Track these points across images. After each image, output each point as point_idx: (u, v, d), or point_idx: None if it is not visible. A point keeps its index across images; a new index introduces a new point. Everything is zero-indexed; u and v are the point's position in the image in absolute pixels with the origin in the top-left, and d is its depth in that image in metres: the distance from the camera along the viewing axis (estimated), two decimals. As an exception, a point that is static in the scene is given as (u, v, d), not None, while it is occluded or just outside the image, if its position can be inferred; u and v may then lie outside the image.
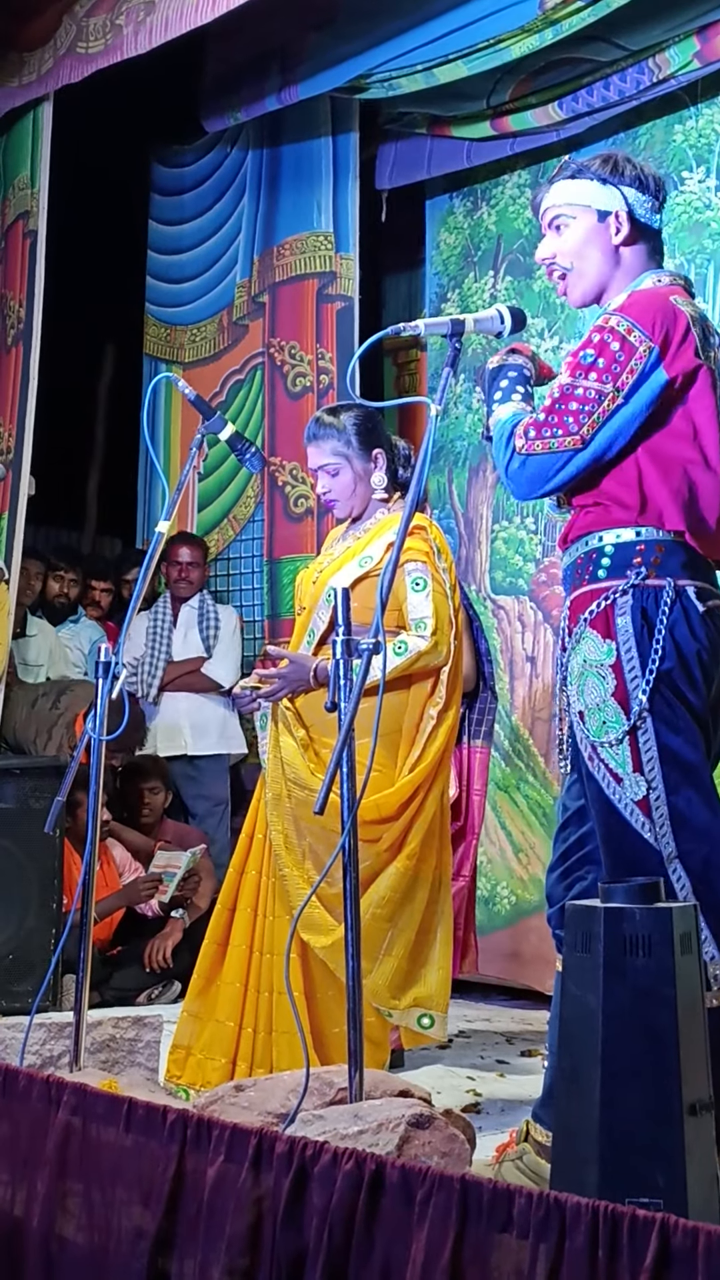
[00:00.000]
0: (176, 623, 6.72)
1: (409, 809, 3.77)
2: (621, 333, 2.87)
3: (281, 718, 3.85)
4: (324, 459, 3.97)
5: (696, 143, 5.78)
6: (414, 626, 3.79)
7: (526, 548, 6.33)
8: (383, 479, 3.98)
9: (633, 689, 2.87)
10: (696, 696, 2.90)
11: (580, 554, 3.00)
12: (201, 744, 6.62)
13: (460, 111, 6.41)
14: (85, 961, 3.28)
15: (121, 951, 5.88)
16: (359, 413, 3.99)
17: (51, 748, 6.30)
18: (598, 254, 3.08)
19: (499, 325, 3.05)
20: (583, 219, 3.08)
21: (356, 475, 3.97)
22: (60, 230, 6.61)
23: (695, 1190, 2.31)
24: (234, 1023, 3.82)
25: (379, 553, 3.85)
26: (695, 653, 2.89)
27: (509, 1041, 5.13)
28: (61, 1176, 2.60)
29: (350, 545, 3.95)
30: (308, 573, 4.06)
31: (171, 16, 5.86)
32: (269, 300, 7.21)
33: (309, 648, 3.89)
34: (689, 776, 2.87)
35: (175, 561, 6.72)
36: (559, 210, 3.11)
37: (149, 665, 6.61)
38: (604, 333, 2.89)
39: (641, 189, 3.08)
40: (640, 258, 3.09)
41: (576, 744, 2.98)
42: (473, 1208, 2.05)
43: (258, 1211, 2.28)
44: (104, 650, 3.41)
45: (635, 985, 2.38)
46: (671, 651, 2.87)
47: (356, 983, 2.76)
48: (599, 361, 2.87)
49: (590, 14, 5.41)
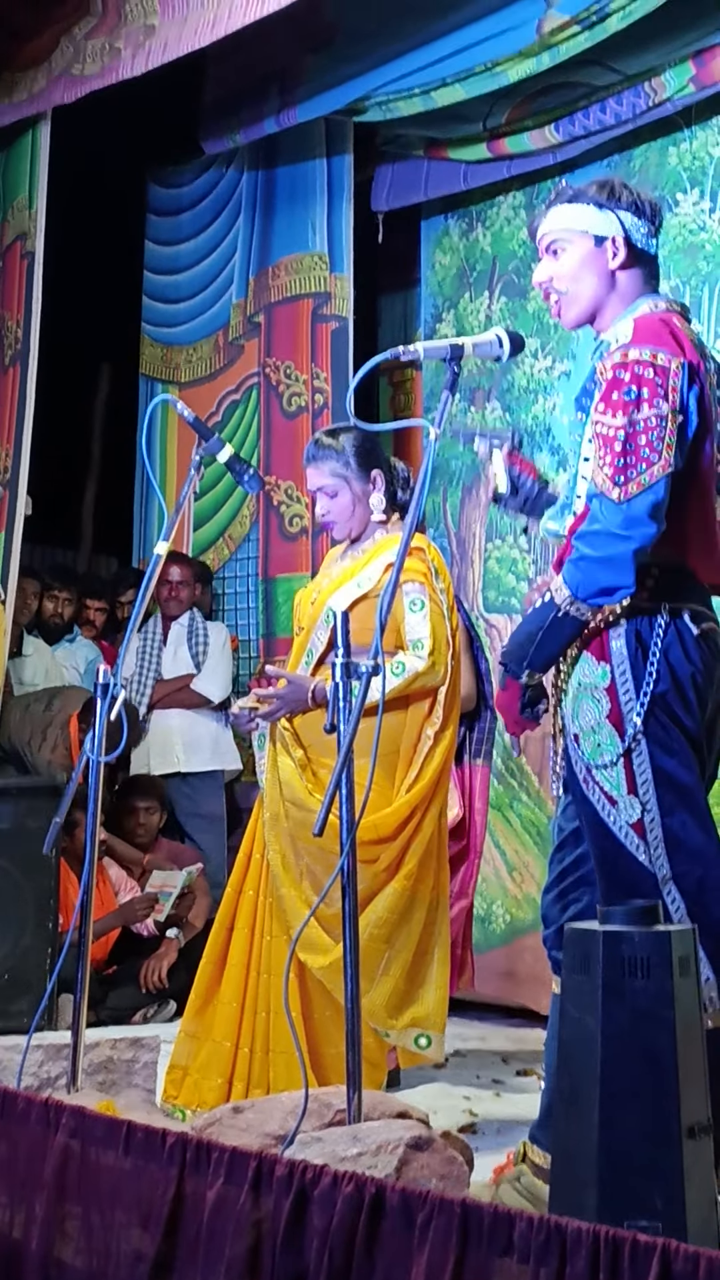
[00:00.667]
0: (166, 641, 6.72)
1: (406, 829, 3.77)
2: (648, 360, 2.87)
3: (280, 738, 3.85)
4: (323, 480, 3.98)
5: (691, 165, 5.81)
6: (411, 647, 3.80)
7: (519, 567, 6.34)
8: (381, 500, 3.99)
9: (627, 712, 2.88)
10: (691, 719, 2.91)
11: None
12: (195, 760, 6.61)
13: (457, 134, 6.44)
14: (83, 982, 3.27)
15: (117, 971, 5.87)
16: (358, 434, 4.00)
17: (46, 750, 6.29)
18: (594, 278, 3.09)
19: (497, 349, 3.06)
20: (579, 244, 3.09)
21: (355, 497, 3.97)
22: (57, 251, 6.62)
23: (694, 1213, 2.31)
24: (231, 1043, 3.82)
25: (377, 574, 3.85)
26: (690, 675, 2.90)
27: (504, 1061, 5.12)
28: (60, 1199, 2.60)
29: (348, 566, 3.96)
30: (306, 593, 4.06)
31: (170, 40, 5.88)
32: (264, 320, 7.23)
33: (307, 668, 3.89)
34: (684, 799, 2.88)
35: (165, 580, 6.72)
36: (556, 235, 3.12)
37: (138, 684, 6.62)
38: (631, 367, 2.87)
39: (638, 214, 3.09)
40: (637, 282, 3.10)
41: (571, 766, 2.99)
42: (473, 1232, 2.05)
43: (257, 1234, 2.28)
44: (102, 671, 3.41)
45: (634, 1007, 2.38)
46: (666, 674, 2.88)
47: (355, 1004, 2.77)
48: (643, 391, 2.85)
49: (587, 39, 5.44)
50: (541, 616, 2.91)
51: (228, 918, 3.93)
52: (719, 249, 5.67)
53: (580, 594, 2.84)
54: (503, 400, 6.49)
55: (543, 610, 2.90)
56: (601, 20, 5.34)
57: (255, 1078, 3.78)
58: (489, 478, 3.42)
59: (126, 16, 6.08)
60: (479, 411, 6.58)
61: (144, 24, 6.01)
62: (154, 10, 5.98)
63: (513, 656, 2.96)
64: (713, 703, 2.98)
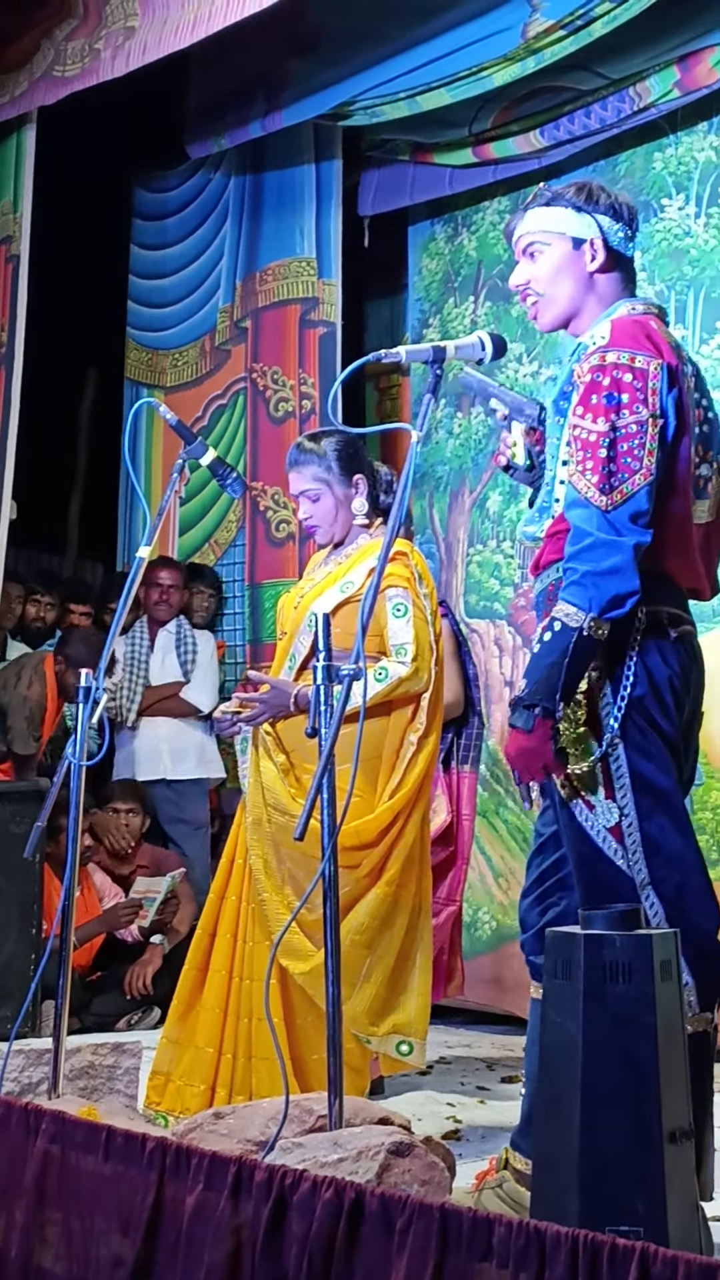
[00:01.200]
0: (154, 647, 6.71)
1: (389, 835, 3.76)
2: (626, 363, 2.86)
3: (262, 743, 3.84)
4: (305, 485, 3.97)
5: (676, 170, 5.82)
6: (395, 652, 3.79)
7: (503, 572, 6.34)
8: (364, 505, 3.98)
9: (604, 716, 2.87)
10: (668, 723, 2.90)
11: (551, 581, 3.00)
12: (181, 768, 6.60)
13: (443, 138, 6.45)
14: (64, 988, 3.26)
15: (101, 977, 5.86)
16: (340, 439, 3.99)
17: (23, 687, 6.26)
18: (571, 281, 3.08)
19: (480, 352, 3.05)
20: (557, 246, 3.09)
21: (338, 501, 3.96)
22: (42, 255, 6.61)
23: (675, 1218, 2.31)
24: (213, 1049, 3.80)
25: (360, 578, 3.84)
26: (667, 679, 2.89)
27: (489, 1068, 5.11)
28: (40, 1205, 2.59)
29: (332, 571, 3.95)
30: (289, 597, 4.05)
31: (150, 41, 5.87)
32: (251, 325, 7.22)
33: (290, 673, 3.88)
34: (661, 803, 2.87)
35: (155, 584, 6.71)
36: (533, 237, 3.11)
37: (128, 690, 6.60)
38: (610, 370, 2.86)
39: (615, 217, 3.09)
40: (614, 285, 3.10)
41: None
42: (453, 1237, 2.04)
43: (237, 1240, 2.27)
44: (85, 675, 3.40)
45: (615, 1012, 2.38)
46: (643, 678, 2.87)
47: (336, 1010, 2.75)
48: (623, 396, 2.84)
49: (572, 43, 5.45)
50: (561, 645, 2.79)
51: (210, 923, 3.92)
52: (704, 254, 5.67)
53: (597, 610, 2.78)
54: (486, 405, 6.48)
55: (560, 639, 2.79)
56: (586, 25, 5.35)
57: (238, 1084, 3.77)
58: (504, 444, 3.36)
59: (107, 18, 6.08)
60: (465, 416, 6.58)
61: (124, 25, 6.00)
62: (134, 12, 5.97)
63: (543, 694, 2.80)
64: (690, 706, 2.98)
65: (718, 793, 5.40)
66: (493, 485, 6.43)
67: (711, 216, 5.68)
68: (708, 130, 5.75)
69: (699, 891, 2.88)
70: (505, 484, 6.37)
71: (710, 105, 5.69)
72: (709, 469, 3.02)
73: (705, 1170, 2.77)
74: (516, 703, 2.84)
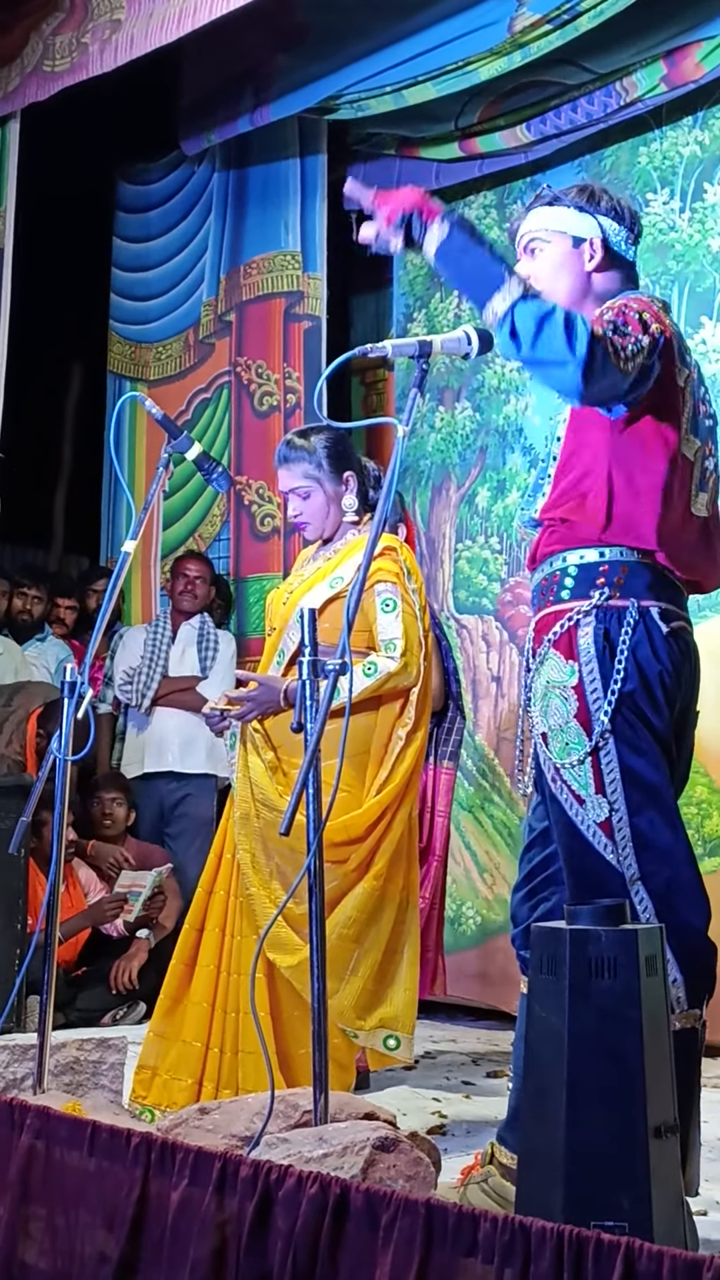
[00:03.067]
0: (175, 638, 6.67)
1: (377, 829, 3.76)
2: (637, 309, 2.86)
3: (250, 739, 3.84)
4: (295, 482, 3.96)
5: (661, 165, 5.83)
6: (384, 648, 3.79)
7: (491, 567, 6.34)
8: (354, 501, 3.98)
9: (595, 710, 2.87)
10: (659, 718, 2.90)
11: (545, 574, 3.00)
12: (189, 762, 6.55)
13: (429, 133, 6.44)
14: (49, 983, 3.25)
15: (86, 972, 5.85)
16: (329, 435, 3.98)
17: (0, 743, 6.26)
18: (570, 279, 3.08)
19: (466, 346, 3.04)
20: (557, 244, 3.09)
21: (328, 498, 3.96)
22: (25, 247, 6.60)
23: (660, 1213, 2.31)
24: (201, 1043, 3.80)
25: (349, 574, 3.83)
26: (658, 674, 2.89)
27: (475, 1062, 5.12)
28: (24, 1201, 2.58)
29: (321, 566, 3.94)
30: (278, 593, 4.05)
31: (137, 35, 5.86)
32: (236, 319, 7.21)
33: (279, 668, 3.88)
34: (651, 798, 2.87)
35: (182, 574, 6.69)
36: (535, 235, 3.12)
37: (145, 676, 6.56)
38: (617, 307, 2.86)
39: (617, 219, 3.09)
40: (613, 284, 3.09)
41: (540, 765, 2.98)
42: (438, 1232, 2.04)
43: (221, 1236, 2.26)
44: (70, 670, 3.39)
45: (601, 1007, 2.37)
46: (634, 673, 2.87)
47: (322, 1004, 2.75)
48: (627, 327, 2.81)
49: (558, 37, 5.45)
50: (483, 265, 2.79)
51: (198, 918, 3.92)
52: (688, 248, 5.68)
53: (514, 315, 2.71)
54: (474, 400, 6.49)
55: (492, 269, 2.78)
56: (573, 19, 5.35)
57: (225, 1078, 3.77)
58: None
59: (93, 11, 6.07)
60: (449, 411, 6.57)
61: (110, 18, 5.99)
62: (120, 5, 5.97)
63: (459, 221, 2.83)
64: (681, 702, 2.97)
65: (702, 788, 5.40)
66: (481, 481, 6.43)
67: (696, 211, 5.69)
68: (692, 125, 5.76)
69: (688, 887, 2.88)
70: (494, 480, 6.38)
71: (695, 100, 5.70)
72: (712, 463, 3.03)
73: (691, 1165, 2.77)
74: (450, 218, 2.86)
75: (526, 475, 6.10)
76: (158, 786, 6.49)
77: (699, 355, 5.47)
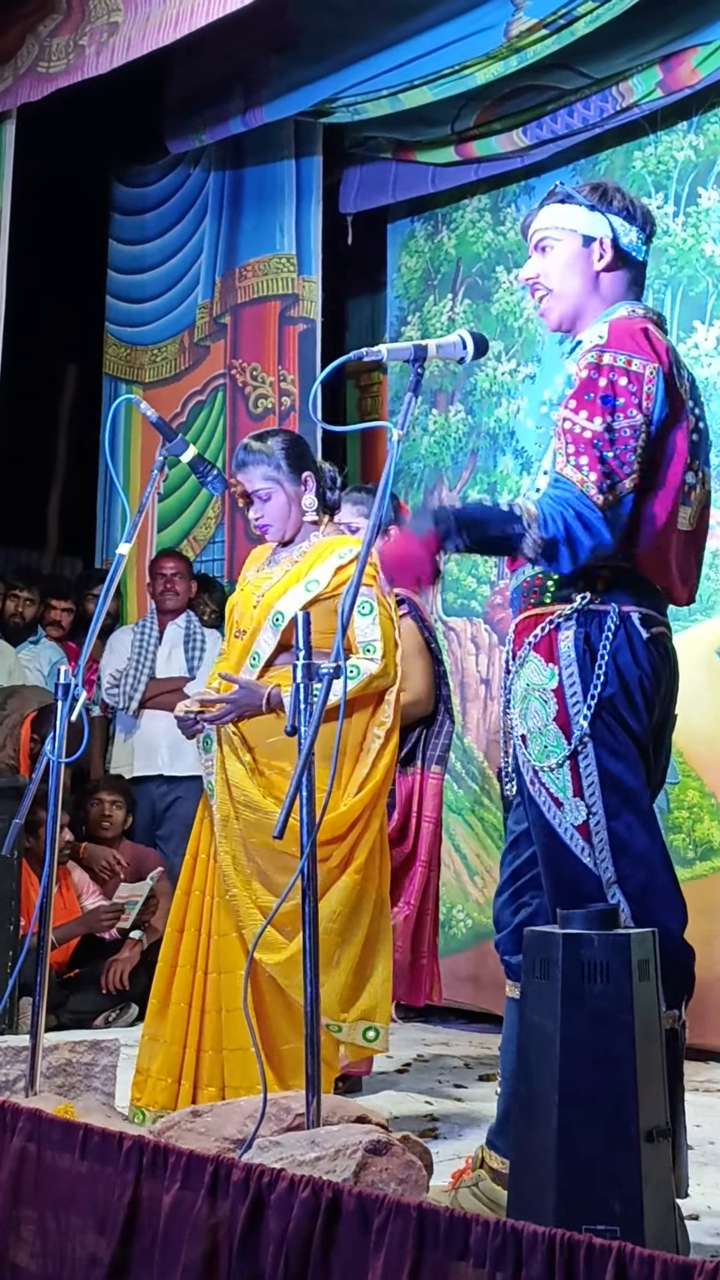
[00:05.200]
0: (162, 639, 6.67)
1: (357, 827, 3.83)
2: (622, 366, 2.86)
3: (228, 741, 3.86)
4: (255, 485, 3.98)
5: (656, 169, 5.83)
6: (362, 650, 3.84)
7: (480, 570, 6.35)
8: (313, 501, 4.02)
9: (574, 714, 2.87)
10: (638, 723, 2.91)
11: (526, 578, 3.00)
12: (179, 764, 6.53)
13: (425, 136, 6.45)
14: (42, 985, 3.26)
15: (78, 974, 5.85)
16: (286, 437, 4.04)
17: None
18: (578, 278, 3.09)
19: (461, 350, 3.04)
20: (568, 242, 3.09)
21: (289, 498, 3.99)
22: (21, 249, 6.60)
23: (652, 1217, 2.31)
24: (179, 1044, 3.82)
25: (325, 576, 3.87)
26: (638, 679, 2.90)
27: (466, 1066, 5.12)
28: (15, 1203, 2.58)
29: (290, 569, 3.95)
30: (244, 595, 4.03)
31: (134, 37, 5.87)
32: (231, 321, 7.22)
33: (253, 672, 3.88)
34: (629, 802, 2.88)
35: (159, 574, 6.69)
36: (546, 232, 3.12)
37: (132, 678, 6.56)
38: (606, 371, 2.86)
39: (629, 219, 3.10)
40: (619, 286, 3.10)
41: (519, 768, 2.99)
42: (429, 1236, 2.04)
43: (213, 1239, 2.27)
44: (63, 672, 3.39)
45: (593, 1011, 2.38)
46: (614, 677, 2.88)
47: (314, 1007, 2.75)
48: (618, 400, 2.84)
49: (554, 42, 5.45)
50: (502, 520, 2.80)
51: (178, 919, 3.93)
52: (682, 253, 5.69)
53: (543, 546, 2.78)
54: (466, 403, 6.49)
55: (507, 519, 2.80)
56: (569, 24, 5.36)
57: (207, 1077, 3.78)
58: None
59: (90, 13, 6.08)
60: (441, 414, 6.58)
61: (107, 21, 6.00)
62: (117, 8, 5.97)
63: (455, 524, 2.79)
64: (661, 707, 2.98)
65: (694, 791, 5.41)
66: (472, 483, 6.43)
67: (690, 216, 5.70)
68: (687, 130, 5.76)
69: (664, 890, 2.88)
70: (485, 482, 6.38)
71: (690, 105, 5.71)
72: (694, 477, 3.03)
73: (679, 1167, 2.77)
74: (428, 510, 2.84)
75: (518, 478, 6.10)
76: (148, 789, 6.49)
77: (690, 359, 5.50)
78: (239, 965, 3.69)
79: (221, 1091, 3.70)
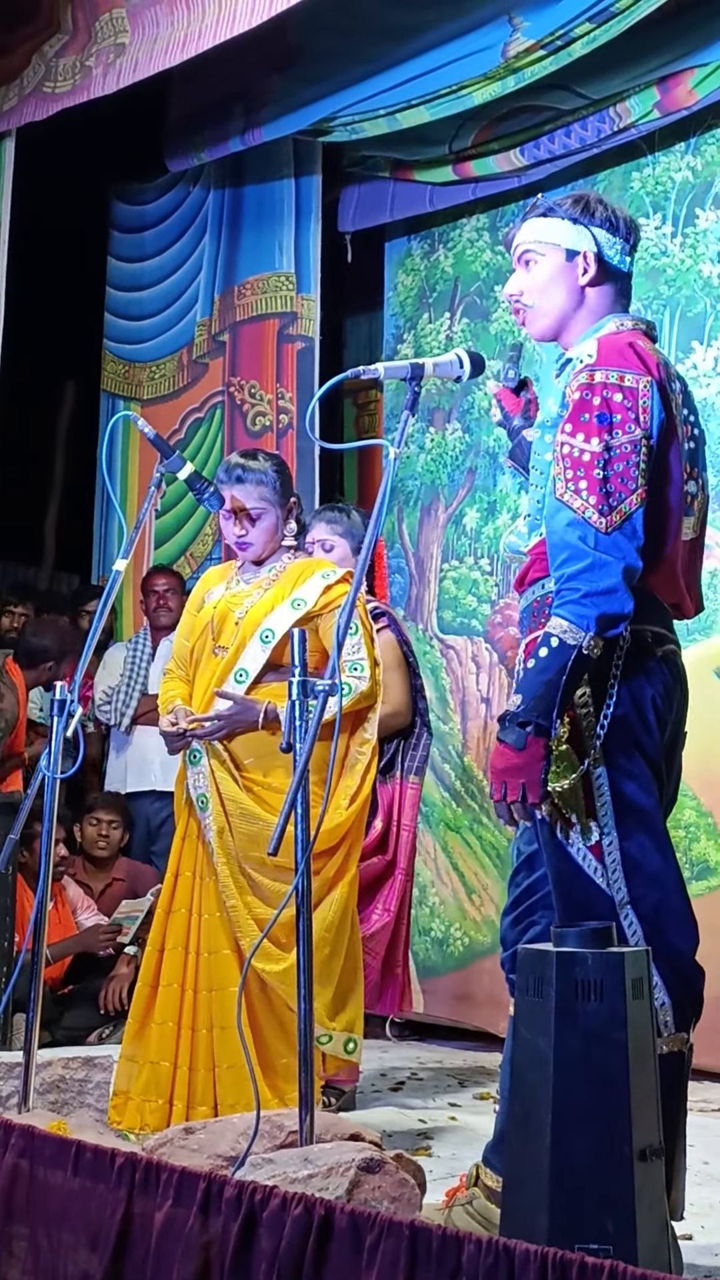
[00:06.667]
0: (155, 655, 6.67)
1: (348, 839, 3.88)
2: (615, 383, 2.85)
3: (218, 755, 3.87)
4: (251, 503, 3.99)
5: (654, 190, 5.85)
6: (349, 668, 3.88)
7: (481, 588, 6.35)
8: (293, 526, 4.06)
9: (586, 734, 2.86)
10: (650, 742, 2.90)
11: (535, 598, 3.00)
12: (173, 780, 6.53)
13: (423, 156, 6.47)
14: (36, 1002, 3.25)
15: (73, 991, 5.83)
16: (278, 461, 4.09)
17: None
18: (562, 292, 3.07)
19: (458, 370, 3.05)
20: (551, 256, 3.08)
21: (277, 521, 4.02)
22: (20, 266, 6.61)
23: (645, 1237, 2.30)
24: (168, 1063, 3.79)
25: (313, 595, 3.90)
26: (650, 698, 2.89)
27: (460, 1084, 5.11)
28: (8, 1220, 2.58)
29: (270, 589, 3.96)
30: (224, 612, 4.03)
31: (141, 59, 5.89)
32: (229, 339, 7.23)
33: (239, 688, 3.89)
34: (642, 822, 2.87)
35: (152, 591, 6.70)
36: (528, 247, 3.11)
37: (124, 695, 6.58)
38: (599, 390, 2.85)
39: (612, 231, 3.07)
40: (606, 299, 3.09)
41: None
42: (421, 1254, 2.04)
43: (205, 1257, 2.26)
44: (59, 687, 3.39)
45: (587, 1030, 2.38)
46: (626, 697, 2.86)
47: (308, 1025, 2.75)
48: (615, 416, 2.83)
49: (552, 63, 5.47)
50: (559, 662, 2.75)
51: (159, 938, 3.92)
52: (680, 273, 5.71)
53: (595, 629, 2.75)
54: (463, 421, 6.51)
55: (558, 655, 2.75)
56: (566, 45, 5.38)
57: (198, 1096, 3.76)
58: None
59: (97, 35, 6.10)
60: (439, 432, 6.59)
61: (114, 43, 6.02)
62: (124, 29, 5.99)
63: (539, 711, 2.74)
64: (672, 726, 2.97)
65: (691, 811, 5.41)
66: (469, 501, 6.44)
67: (687, 236, 5.72)
68: (685, 151, 5.79)
69: (677, 911, 2.87)
70: (482, 500, 6.39)
71: (687, 126, 5.73)
72: (695, 485, 3.03)
73: (676, 1190, 2.76)
74: (510, 718, 2.79)
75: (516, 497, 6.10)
76: (142, 806, 6.48)
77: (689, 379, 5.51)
78: (231, 982, 3.69)
79: (215, 1110, 3.68)
